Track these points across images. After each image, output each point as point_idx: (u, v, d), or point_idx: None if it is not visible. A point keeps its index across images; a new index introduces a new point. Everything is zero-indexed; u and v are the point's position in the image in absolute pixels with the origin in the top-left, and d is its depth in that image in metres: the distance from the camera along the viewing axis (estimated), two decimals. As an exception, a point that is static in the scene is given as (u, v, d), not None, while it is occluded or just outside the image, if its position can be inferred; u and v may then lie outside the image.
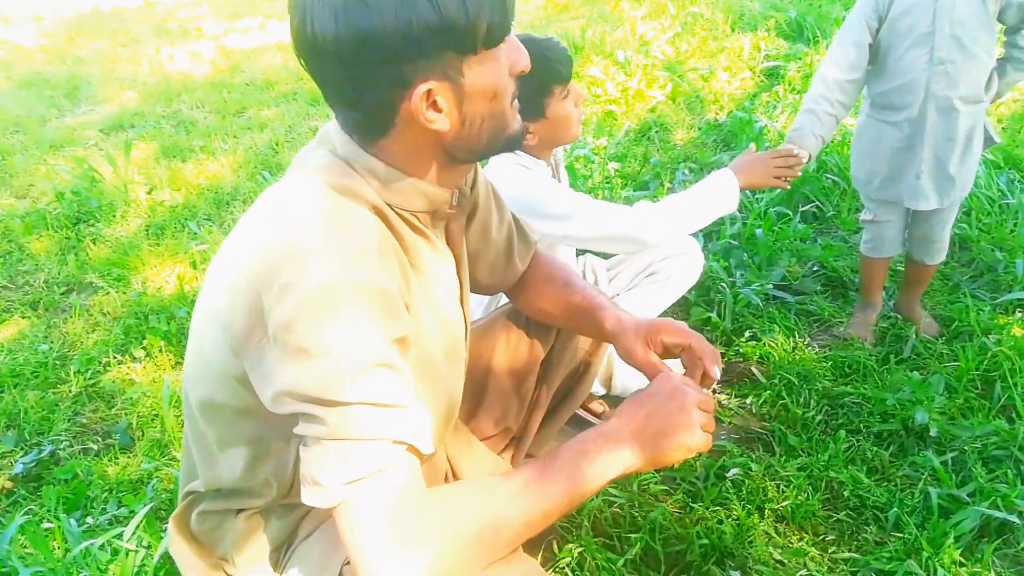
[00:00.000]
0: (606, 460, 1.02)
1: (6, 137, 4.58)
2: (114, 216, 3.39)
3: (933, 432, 1.91)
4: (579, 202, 1.79)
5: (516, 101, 1.07)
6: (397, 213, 1.04)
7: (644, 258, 2.16)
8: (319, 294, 0.88)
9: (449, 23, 0.91)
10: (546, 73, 1.73)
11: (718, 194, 1.85)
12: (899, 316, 2.41)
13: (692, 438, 1.06)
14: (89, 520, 1.86)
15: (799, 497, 1.79)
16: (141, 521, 1.66)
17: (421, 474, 0.94)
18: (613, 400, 2.17)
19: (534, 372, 1.58)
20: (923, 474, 1.84)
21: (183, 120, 4.62)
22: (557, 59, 1.75)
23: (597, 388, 2.15)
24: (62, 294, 2.94)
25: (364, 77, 0.93)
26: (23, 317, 2.80)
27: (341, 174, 1.01)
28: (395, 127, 0.99)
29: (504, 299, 1.61)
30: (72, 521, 1.75)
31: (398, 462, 0.90)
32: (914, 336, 2.29)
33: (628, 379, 2.13)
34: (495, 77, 1.00)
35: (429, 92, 0.95)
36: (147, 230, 3.30)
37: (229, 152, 4.01)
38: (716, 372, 1.21)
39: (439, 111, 0.97)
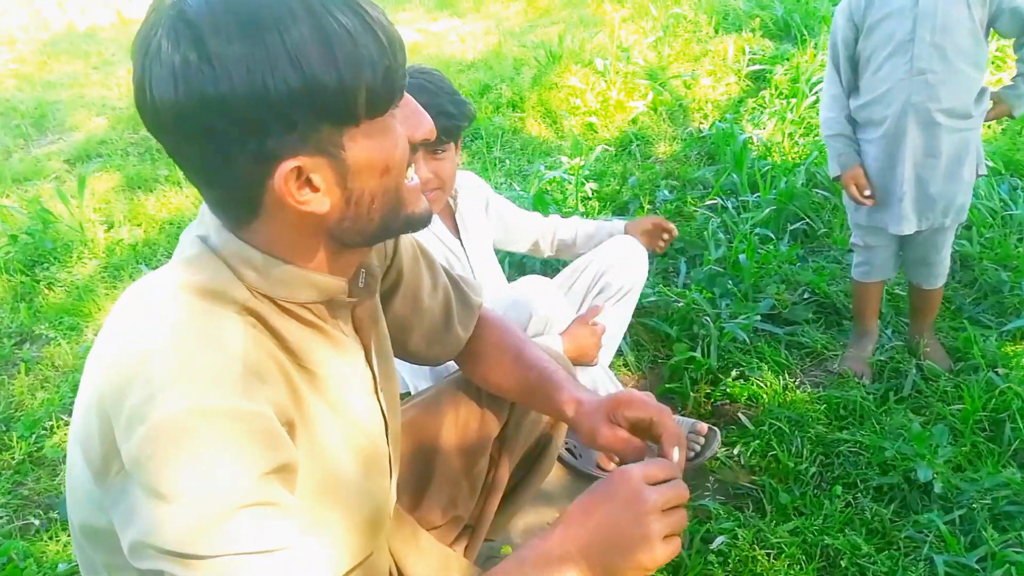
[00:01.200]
0: None
1: (-31, 171, 4.42)
2: (70, 258, 3.23)
3: (938, 488, 1.74)
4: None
5: (415, 179, 0.91)
6: (281, 307, 0.88)
7: (588, 273, 2.01)
8: (169, 428, 0.72)
9: (317, 88, 0.75)
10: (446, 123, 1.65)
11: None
12: (901, 347, 2.24)
13: (651, 555, 0.88)
14: (19, 615, 1.71)
15: (792, 569, 1.63)
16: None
17: None
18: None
19: (487, 450, 1.42)
20: (928, 536, 1.67)
21: (150, 147, 4.45)
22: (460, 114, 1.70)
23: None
24: (13, 346, 2.78)
25: (216, 153, 0.77)
26: (-30, 373, 2.64)
27: (206, 269, 0.84)
28: (264, 208, 0.82)
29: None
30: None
31: None
32: (914, 371, 2.12)
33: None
34: (386, 149, 0.83)
35: (299, 170, 0.78)
36: (104, 272, 3.14)
37: (194, 182, 3.85)
38: (675, 455, 1.04)
39: (315, 190, 0.81)
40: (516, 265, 2.64)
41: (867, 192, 2.01)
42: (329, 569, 0.88)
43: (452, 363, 1.38)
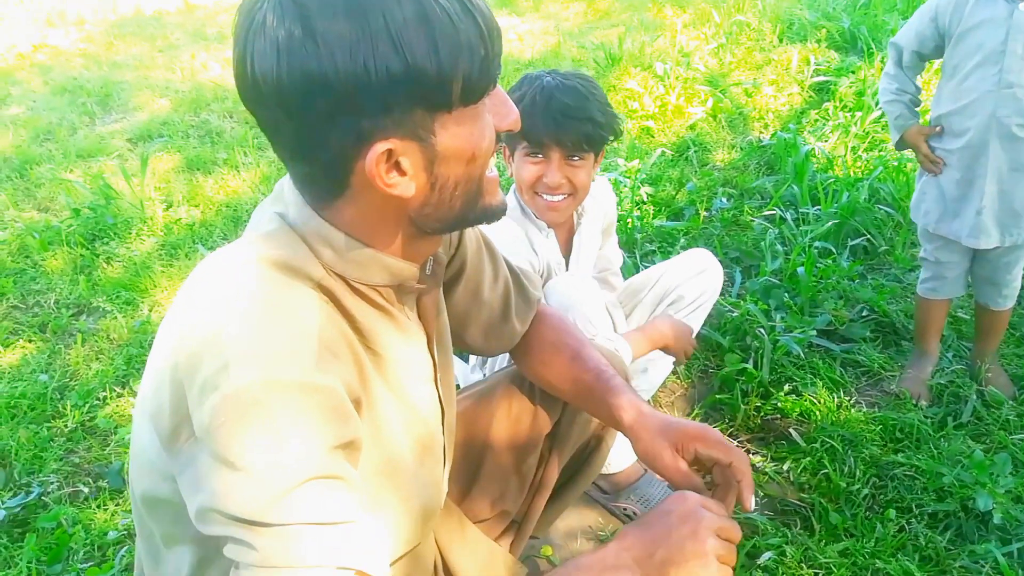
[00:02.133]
0: None
1: (37, 145, 4.54)
2: (129, 234, 3.30)
3: (997, 519, 1.68)
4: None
5: (495, 171, 0.90)
6: (353, 288, 0.88)
7: (659, 287, 1.96)
8: (242, 398, 0.73)
9: (416, 74, 0.75)
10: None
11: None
12: (961, 371, 2.17)
13: (706, 570, 0.89)
14: (66, 579, 1.75)
15: (840, 590, 1.59)
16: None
17: None
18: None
19: (538, 447, 1.40)
20: (984, 567, 1.62)
21: (211, 130, 4.53)
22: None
23: None
24: (71, 316, 2.85)
25: (312, 129, 0.78)
26: (29, 341, 2.71)
27: (285, 244, 0.85)
28: (351, 188, 0.83)
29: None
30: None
31: None
32: (975, 397, 2.06)
33: (623, 454, 1.86)
34: (475, 138, 0.83)
35: (390, 152, 0.79)
36: (161, 249, 3.20)
37: (251, 166, 3.90)
38: (751, 503, 1.03)
39: (403, 174, 0.81)
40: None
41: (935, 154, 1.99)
42: (383, 555, 0.88)
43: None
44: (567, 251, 1.83)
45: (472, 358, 1.94)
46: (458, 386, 1.76)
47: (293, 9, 0.73)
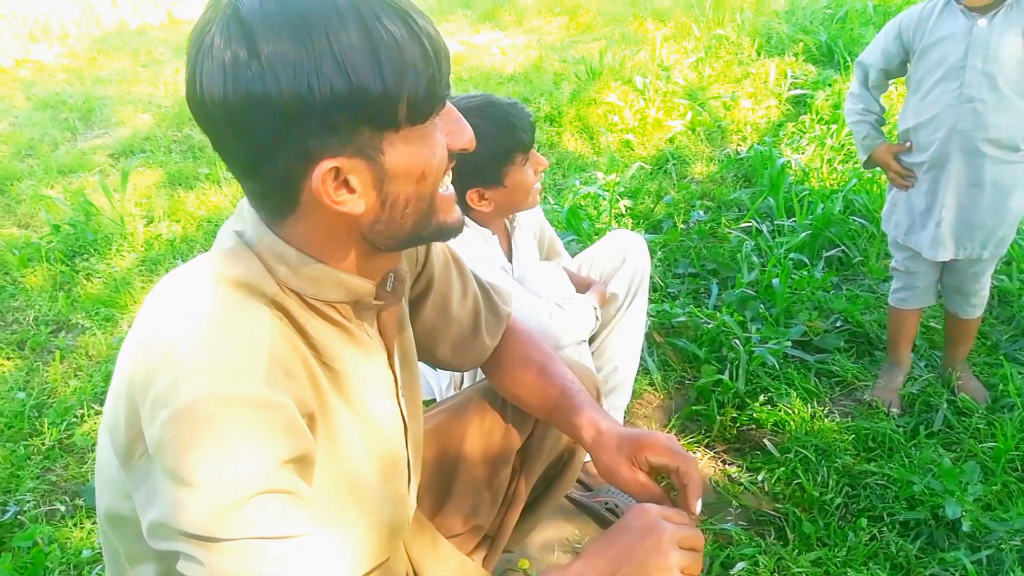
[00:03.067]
0: None
1: (18, 161, 4.52)
2: (109, 250, 3.30)
3: (966, 527, 1.70)
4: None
5: (451, 188, 0.91)
6: (309, 305, 0.89)
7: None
8: (191, 413, 0.74)
9: (361, 94, 0.76)
10: (509, 140, 1.62)
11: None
12: (933, 379, 2.20)
13: None
14: (41, 598, 1.74)
15: (812, 599, 1.60)
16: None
17: None
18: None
19: (510, 461, 1.41)
20: (954, 574, 1.64)
21: (193, 145, 4.54)
22: (521, 126, 1.63)
23: None
24: (50, 333, 2.84)
25: (259, 148, 0.79)
26: (7, 358, 2.70)
27: (240, 262, 0.86)
28: (301, 206, 0.84)
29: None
30: (8, 612, 1.61)
31: None
32: (945, 405, 2.08)
33: None
34: (424, 157, 0.84)
35: (337, 171, 0.80)
36: (141, 265, 3.20)
37: (233, 181, 3.90)
38: (697, 507, 1.04)
39: (352, 191, 0.81)
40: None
41: (905, 171, 2.03)
42: (344, 561, 0.89)
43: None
44: (509, 253, 1.90)
45: (445, 373, 1.95)
46: (431, 400, 1.77)
47: (239, 31, 0.74)
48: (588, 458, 1.86)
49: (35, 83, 6.13)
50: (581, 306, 1.77)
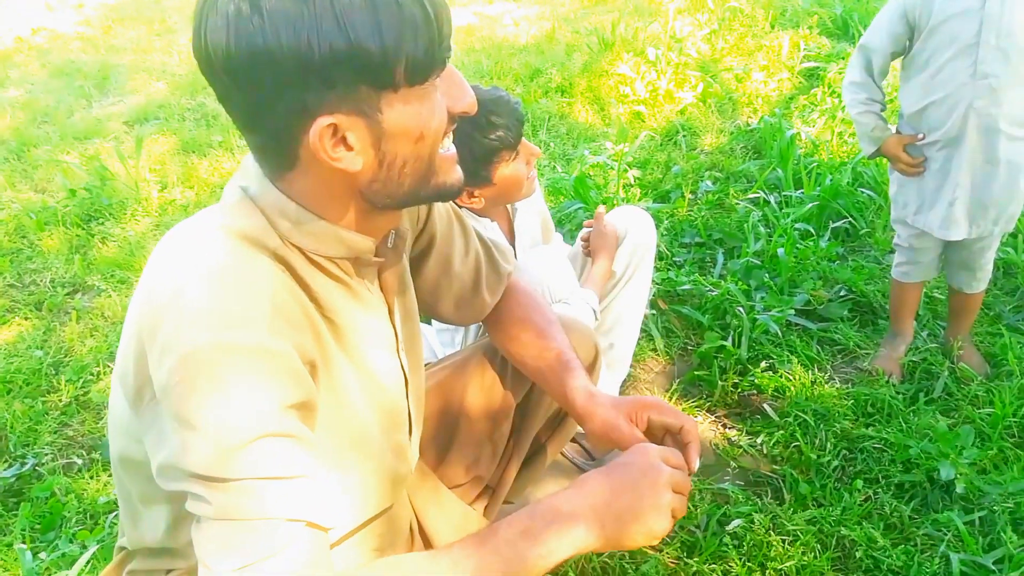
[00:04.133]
0: (554, 541, 0.89)
1: (34, 128, 4.57)
2: (124, 214, 3.35)
3: (960, 489, 1.73)
4: None
5: (452, 149, 0.94)
6: (310, 259, 0.92)
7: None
8: (196, 358, 0.77)
9: (359, 52, 0.78)
10: (492, 140, 1.60)
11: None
12: (935, 349, 2.22)
13: (659, 523, 0.93)
14: (59, 543, 1.80)
15: (806, 556, 1.64)
16: (87, 564, 1.58)
17: (326, 551, 0.85)
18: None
19: (510, 416, 1.45)
20: (946, 535, 1.67)
21: (206, 113, 4.57)
22: (504, 124, 1.59)
23: None
24: (66, 295, 2.90)
25: (260, 101, 0.81)
26: (25, 318, 2.76)
27: (244, 216, 0.89)
28: (300, 161, 0.86)
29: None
30: (28, 555, 1.67)
31: (296, 541, 0.80)
32: (946, 374, 2.10)
33: None
34: (423, 118, 0.86)
35: (335, 127, 0.82)
36: (155, 230, 3.25)
37: (245, 148, 3.93)
38: (696, 464, 1.07)
39: (350, 148, 0.84)
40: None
41: (915, 161, 1.99)
42: (346, 503, 0.92)
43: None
44: (511, 238, 1.89)
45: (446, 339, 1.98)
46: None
47: None
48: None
49: (51, 51, 6.17)
50: (580, 306, 1.74)
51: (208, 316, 0.79)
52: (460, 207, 1.73)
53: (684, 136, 3.58)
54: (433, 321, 1.85)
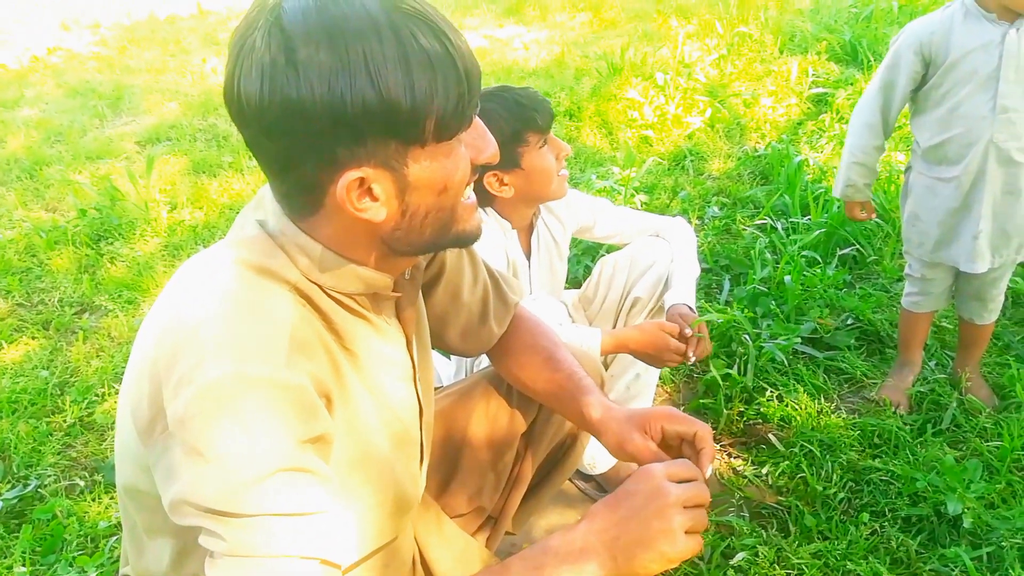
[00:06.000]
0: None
1: (48, 147, 4.62)
2: (134, 235, 3.37)
3: (967, 524, 1.71)
4: None
5: (473, 197, 0.94)
6: (328, 294, 0.93)
7: (612, 294, 1.91)
8: (214, 391, 0.77)
9: (391, 108, 0.78)
10: (519, 120, 1.63)
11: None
12: (943, 379, 2.20)
13: (673, 547, 0.90)
14: (58, 568, 1.79)
15: (810, 591, 1.62)
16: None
17: None
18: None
19: (514, 446, 1.44)
20: (954, 570, 1.65)
21: (218, 134, 4.61)
22: (532, 106, 1.64)
23: None
24: (74, 314, 2.91)
25: (290, 152, 0.82)
26: (32, 338, 2.77)
27: (263, 250, 0.89)
28: (325, 207, 0.87)
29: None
30: (27, 578, 1.67)
31: None
32: (954, 405, 2.08)
33: (599, 454, 1.91)
34: (447, 171, 0.87)
35: (362, 180, 0.83)
36: (164, 250, 3.27)
37: (255, 170, 3.96)
38: (708, 471, 1.06)
39: (375, 199, 0.85)
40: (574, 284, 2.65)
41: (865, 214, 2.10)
42: (354, 538, 0.92)
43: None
44: (528, 250, 1.87)
45: (452, 364, 1.97)
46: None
47: (280, 37, 0.77)
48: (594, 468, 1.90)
49: (66, 71, 6.25)
50: (585, 331, 1.68)
51: (226, 348, 0.79)
52: (492, 199, 1.74)
53: (691, 161, 3.58)
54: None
